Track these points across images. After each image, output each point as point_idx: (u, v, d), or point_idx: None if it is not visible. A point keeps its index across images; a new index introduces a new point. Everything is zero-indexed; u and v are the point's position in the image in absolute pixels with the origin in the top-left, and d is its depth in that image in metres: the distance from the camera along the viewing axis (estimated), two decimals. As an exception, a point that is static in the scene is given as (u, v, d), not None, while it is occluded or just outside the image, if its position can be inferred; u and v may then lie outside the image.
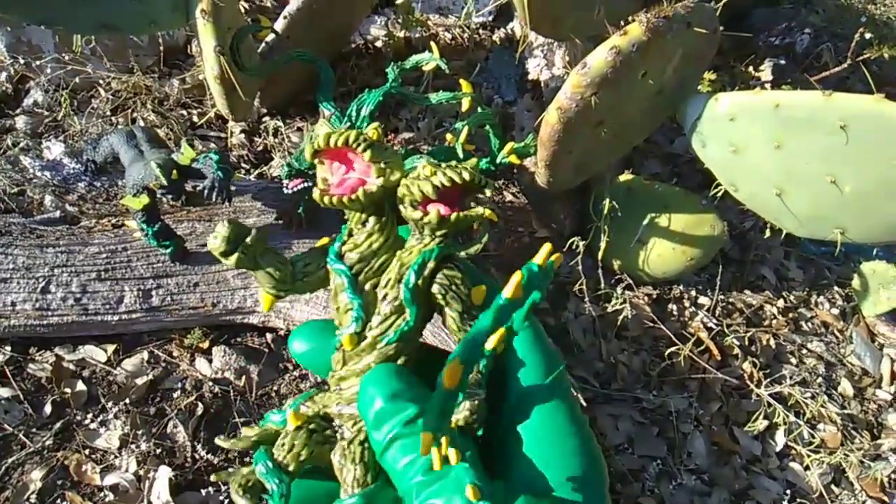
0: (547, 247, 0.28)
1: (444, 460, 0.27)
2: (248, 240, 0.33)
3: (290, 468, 0.32)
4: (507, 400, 0.33)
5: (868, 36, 1.21)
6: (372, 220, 0.36)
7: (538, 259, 0.27)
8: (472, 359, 0.26)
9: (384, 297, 0.34)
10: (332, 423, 0.34)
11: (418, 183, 0.34)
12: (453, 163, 0.36)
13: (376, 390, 0.31)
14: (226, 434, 0.92)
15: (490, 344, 0.26)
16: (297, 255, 0.36)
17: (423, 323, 0.35)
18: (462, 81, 0.48)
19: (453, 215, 0.34)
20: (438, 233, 0.34)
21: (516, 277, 0.26)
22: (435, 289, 0.34)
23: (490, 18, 1.62)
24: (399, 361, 0.34)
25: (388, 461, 0.30)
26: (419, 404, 0.31)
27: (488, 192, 0.34)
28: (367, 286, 0.35)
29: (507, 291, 0.26)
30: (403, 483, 0.29)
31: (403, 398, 0.31)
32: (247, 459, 0.91)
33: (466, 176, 0.33)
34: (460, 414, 0.31)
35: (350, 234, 0.36)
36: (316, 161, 0.35)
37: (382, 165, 0.34)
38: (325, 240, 0.37)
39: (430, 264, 0.34)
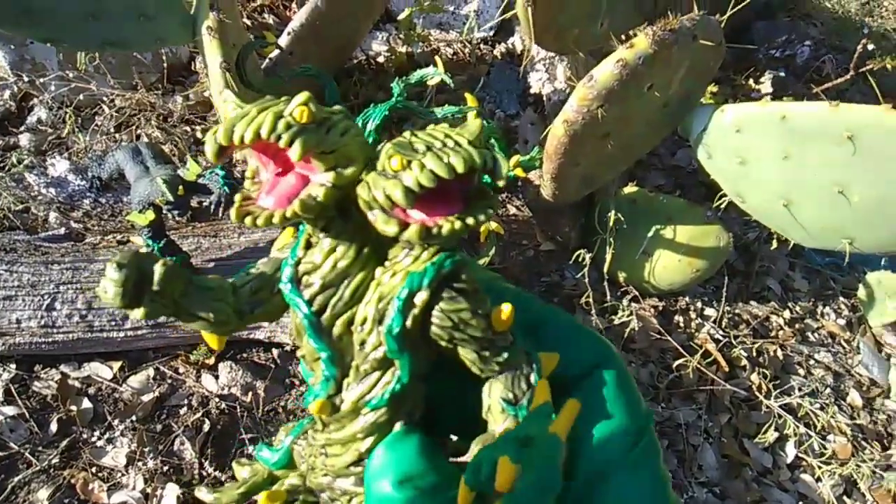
0: None
1: None
2: (154, 281, 0.23)
3: None
4: (579, 470, 0.26)
5: (871, 47, 1.22)
6: (334, 227, 0.25)
7: None
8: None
9: (361, 345, 0.24)
10: (319, 497, 0.28)
11: (384, 183, 0.22)
12: (440, 131, 0.24)
13: (385, 469, 0.24)
14: (233, 452, 0.91)
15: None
16: (242, 277, 0.26)
17: (425, 366, 0.25)
18: (468, 95, 0.47)
19: (447, 224, 0.22)
20: (432, 244, 0.24)
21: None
22: (435, 332, 0.24)
23: (491, 34, 1.62)
24: (396, 424, 0.25)
25: None
26: (431, 498, 0.24)
27: (504, 176, 0.22)
28: (338, 325, 0.25)
29: None
30: None
31: (415, 485, 0.24)
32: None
33: (459, 166, 0.21)
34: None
35: (308, 245, 0.26)
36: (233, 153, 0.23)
37: (330, 155, 0.23)
38: (286, 237, 0.28)
39: (422, 296, 0.23)
